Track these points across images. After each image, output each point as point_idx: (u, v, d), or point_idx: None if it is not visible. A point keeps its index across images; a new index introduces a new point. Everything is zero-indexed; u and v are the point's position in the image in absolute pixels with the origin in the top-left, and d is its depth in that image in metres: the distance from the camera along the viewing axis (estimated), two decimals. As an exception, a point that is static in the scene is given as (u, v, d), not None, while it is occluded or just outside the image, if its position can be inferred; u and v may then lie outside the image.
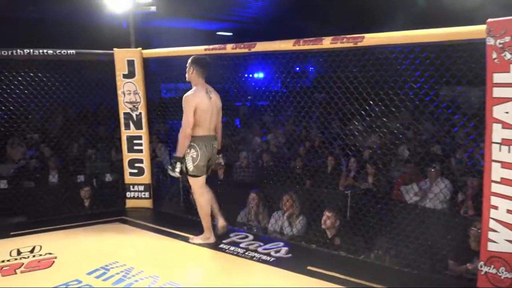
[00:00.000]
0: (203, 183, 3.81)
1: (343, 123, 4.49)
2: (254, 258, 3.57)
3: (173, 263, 3.54)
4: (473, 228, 3.47)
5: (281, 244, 3.86)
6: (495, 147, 2.85)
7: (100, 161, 6.42)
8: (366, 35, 3.39)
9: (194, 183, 3.79)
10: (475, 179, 4.19)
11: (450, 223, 3.86)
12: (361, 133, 4.48)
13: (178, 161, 3.64)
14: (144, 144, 4.96)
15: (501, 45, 2.73)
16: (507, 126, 2.77)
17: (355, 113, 4.00)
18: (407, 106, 3.68)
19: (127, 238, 4.08)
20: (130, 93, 4.90)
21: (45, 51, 4.59)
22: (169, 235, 4.09)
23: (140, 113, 4.94)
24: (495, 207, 2.88)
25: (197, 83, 3.73)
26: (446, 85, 3.68)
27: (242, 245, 3.82)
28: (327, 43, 3.58)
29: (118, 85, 4.91)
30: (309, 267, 3.37)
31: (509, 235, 2.81)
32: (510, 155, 2.77)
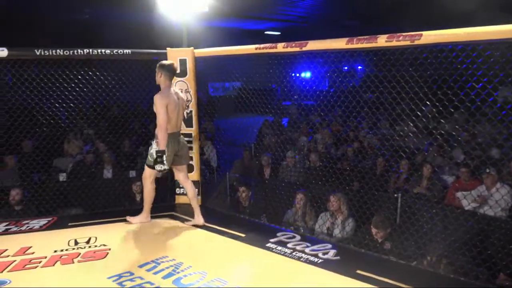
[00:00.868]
0: (156, 173, 4.30)
1: (396, 123, 4.35)
2: (302, 259, 3.53)
3: (220, 260, 3.57)
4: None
5: (329, 246, 3.79)
6: None
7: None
8: (424, 32, 3.24)
9: (150, 172, 4.26)
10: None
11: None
12: (416, 135, 4.31)
13: (163, 154, 3.99)
14: (194, 142, 5.05)
15: None
16: None
17: (410, 113, 3.85)
18: (468, 107, 3.50)
19: (177, 234, 4.16)
20: (182, 92, 4.99)
21: (103, 50, 4.77)
22: (216, 232, 4.14)
23: (191, 111, 5.03)
24: None
25: (165, 85, 4.13)
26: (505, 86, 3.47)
27: (289, 245, 3.79)
28: (382, 41, 3.47)
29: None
30: (358, 270, 3.28)
31: None
32: None
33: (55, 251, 3.67)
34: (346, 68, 4.95)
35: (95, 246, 3.79)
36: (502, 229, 3.51)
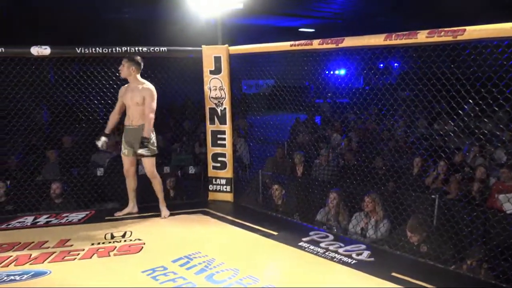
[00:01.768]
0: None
1: (435, 122, 4.19)
2: (335, 259, 3.47)
3: (252, 257, 3.57)
4: None
5: (363, 246, 3.71)
6: None
7: (185, 153, 6.70)
8: (468, 27, 3.11)
9: (152, 163, 4.41)
10: None
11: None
12: (456, 134, 4.15)
13: (149, 142, 4.23)
14: (227, 139, 5.07)
15: None
16: None
17: (451, 112, 3.70)
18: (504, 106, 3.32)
19: (209, 230, 4.20)
20: (216, 89, 5.03)
21: (140, 48, 4.87)
22: (249, 229, 4.14)
23: (225, 108, 5.05)
24: None
25: (135, 78, 4.35)
26: None
27: (322, 244, 3.74)
28: (422, 37, 3.35)
29: (205, 81, 5.06)
30: (394, 273, 3.19)
31: None
32: None
33: (92, 244, 3.78)
34: (382, 65, 4.83)
35: (130, 240, 3.88)
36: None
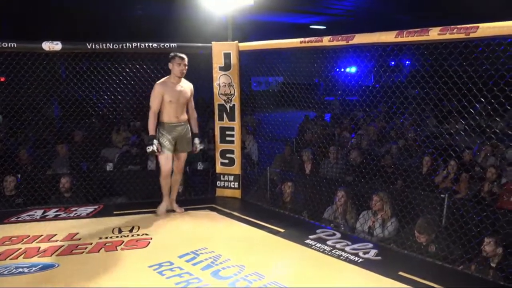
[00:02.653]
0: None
1: (446, 121, 4.14)
2: (341, 257, 3.45)
3: (259, 254, 3.56)
4: None
5: (370, 245, 3.69)
6: None
7: (193, 150, 6.70)
8: (481, 24, 3.05)
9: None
10: None
11: None
12: (467, 133, 4.09)
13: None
14: (236, 135, 5.07)
15: None
16: None
17: (462, 110, 3.65)
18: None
19: (216, 226, 4.21)
20: (225, 85, 5.02)
21: (150, 44, 4.88)
22: (256, 226, 4.14)
23: (234, 105, 5.05)
24: None
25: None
26: None
27: (329, 242, 3.72)
28: (434, 34, 3.30)
29: (214, 77, 5.06)
30: (401, 272, 3.17)
31: None
32: None
33: (100, 238, 3.81)
34: (393, 63, 4.77)
35: (138, 235, 3.90)
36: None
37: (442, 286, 2.95)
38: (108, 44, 4.75)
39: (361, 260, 3.41)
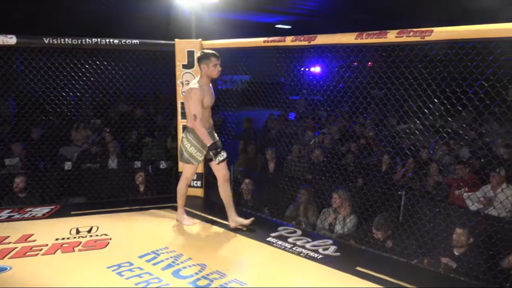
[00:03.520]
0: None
1: (403, 121, 4.28)
2: (301, 254, 3.51)
3: (221, 252, 3.57)
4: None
5: (330, 241, 3.77)
6: None
7: (156, 148, 6.64)
8: (435, 28, 3.18)
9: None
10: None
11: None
12: (422, 133, 4.25)
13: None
14: (199, 134, 5.03)
15: None
16: None
17: (417, 111, 3.79)
18: (476, 105, 3.43)
19: (178, 225, 4.16)
20: (188, 83, 4.98)
21: (111, 40, 4.77)
22: (218, 225, 4.13)
23: (197, 103, 5.00)
24: None
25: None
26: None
27: (290, 239, 3.77)
28: (391, 36, 3.40)
29: (177, 75, 5.01)
30: (358, 267, 3.26)
31: None
32: None
33: (56, 239, 3.70)
34: (355, 64, 4.89)
35: (96, 235, 3.81)
36: (505, 230, 3.45)
37: (395, 280, 3.06)
38: (67, 39, 4.60)
39: (320, 256, 3.48)
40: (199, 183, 5.06)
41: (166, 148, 6.65)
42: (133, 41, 4.85)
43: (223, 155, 3.71)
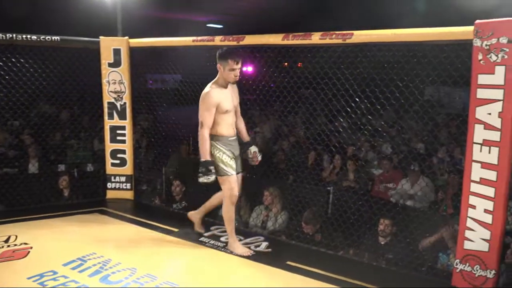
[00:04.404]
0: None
1: (328, 119, 4.48)
2: (234, 252, 3.54)
3: (151, 255, 3.50)
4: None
5: (262, 238, 3.85)
6: (476, 147, 2.88)
7: (82, 150, 6.33)
8: (355, 32, 3.37)
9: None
10: (455, 178, 4.23)
11: (429, 221, 3.89)
12: (346, 130, 4.48)
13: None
14: (128, 135, 4.90)
15: (487, 47, 2.75)
16: (489, 127, 2.80)
17: (341, 110, 3.99)
18: (393, 104, 3.69)
19: (106, 229, 4.03)
20: (115, 83, 4.84)
21: (28, 36, 4.48)
22: (149, 227, 4.06)
23: (125, 103, 4.88)
24: (473, 207, 2.92)
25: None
26: (432, 84, 3.70)
27: (223, 238, 3.79)
28: (316, 38, 3.56)
29: (103, 74, 4.84)
30: (289, 262, 3.37)
31: (485, 234, 2.85)
32: (490, 156, 2.80)
33: (-32, 251, 3.40)
34: (286, 63, 5.02)
35: (15, 245, 3.56)
36: (420, 219, 3.76)
37: (323, 271, 3.20)
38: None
39: (252, 253, 3.54)
40: (128, 185, 4.93)
41: (93, 150, 6.36)
42: (53, 37, 4.59)
43: (208, 178, 3.27)
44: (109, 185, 4.93)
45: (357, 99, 3.76)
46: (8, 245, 3.53)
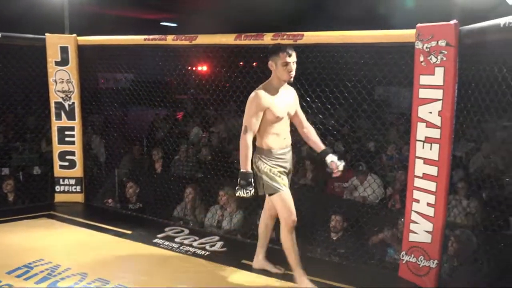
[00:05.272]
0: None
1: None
2: (188, 252, 3.54)
3: (103, 259, 3.41)
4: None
5: (217, 238, 3.86)
6: (419, 144, 3.04)
7: (28, 153, 6.04)
8: (306, 33, 3.46)
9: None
10: (402, 174, 4.43)
11: (379, 216, 4.06)
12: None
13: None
14: (77, 136, 4.75)
15: (427, 49, 2.91)
16: (430, 125, 2.96)
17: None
18: (343, 104, 3.81)
19: (54, 234, 3.88)
20: (63, 82, 4.67)
21: (-38, 33, 4.23)
22: (100, 230, 3.96)
23: (73, 103, 4.72)
24: (417, 201, 3.08)
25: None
26: (379, 85, 3.85)
27: (177, 239, 3.77)
28: (268, 39, 3.61)
29: (50, 73, 4.66)
30: (243, 260, 3.39)
31: (428, 226, 3.02)
32: (432, 152, 2.96)
33: None
34: (241, 63, 5.04)
35: (-48, 254, 3.35)
36: (369, 214, 3.92)
37: (277, 269, 3.25)
38: None
39: (207, 253, 3.55)
40: (78, 188, 4.77)
41: (40, 152, 6.08)
42: (-5, 34, 4.35)
43: (247, 192, 2.83)
44: (57, 188, 4.76)
45: (308, 99, 3.84)
46: None
